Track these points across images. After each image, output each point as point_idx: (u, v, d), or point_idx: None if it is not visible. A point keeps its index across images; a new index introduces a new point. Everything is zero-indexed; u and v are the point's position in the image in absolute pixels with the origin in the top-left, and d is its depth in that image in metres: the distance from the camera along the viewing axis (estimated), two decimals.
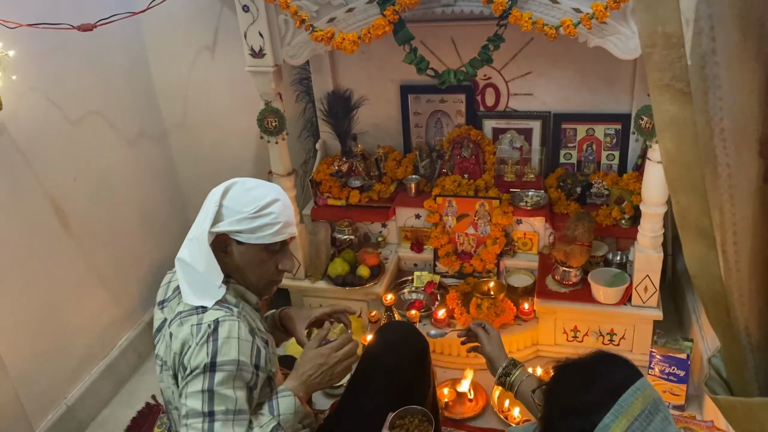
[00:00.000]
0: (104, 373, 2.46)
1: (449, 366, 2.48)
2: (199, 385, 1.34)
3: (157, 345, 1.53)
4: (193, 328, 1.40)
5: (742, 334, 0.87)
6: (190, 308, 1.44)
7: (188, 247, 1.49)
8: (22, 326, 2.10)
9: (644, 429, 1.01)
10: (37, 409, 2.14)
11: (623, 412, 1.01)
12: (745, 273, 0.83)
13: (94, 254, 2.41)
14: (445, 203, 2.66)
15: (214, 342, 1.36)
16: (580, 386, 1.10)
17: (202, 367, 1.35)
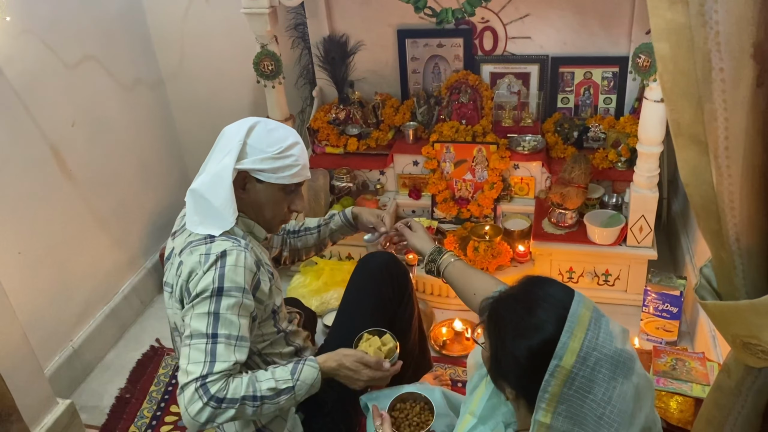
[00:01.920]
0: (108, 317, 2.50)
1: (446, 307, 2.53)
2: (206, 308, 1.39)
3: (167, 272, 1.56)
4: (201, 257, 1.43)
5: (732, 240, 0.90)
6: (200, 238, 1.48)
7: (205, 180, 1.50)
8: (27, 270, 2.13)
9: (597, 336, 1.03)
10: (44, 351, 2.18)
11: (576, 325, 1.03)
12: (736, 179, 0.85)
13: (94, 200, 2.43)
14: (442, 149, 2.67)
15: (221, 268, 1.40)
16: (524, 312, 1.10)
17: (209, 292, 1.39)
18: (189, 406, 1.35)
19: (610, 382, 1.02)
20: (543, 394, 1.03)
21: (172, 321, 1.57)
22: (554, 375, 1.02)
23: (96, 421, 2.19)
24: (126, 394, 2.29)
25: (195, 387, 1.35)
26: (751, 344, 0.95)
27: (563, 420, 1.04)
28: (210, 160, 1.55)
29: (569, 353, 1.01)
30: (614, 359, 1.02)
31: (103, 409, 2.23)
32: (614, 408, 1.02)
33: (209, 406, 1.34)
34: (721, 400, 1.08)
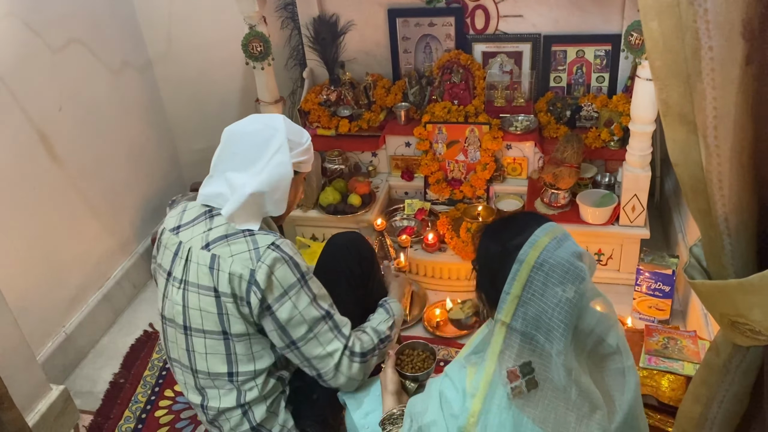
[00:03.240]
0: (101, 302, 2.50)
1: (439, 289, 2.53)
2: (306, 297, 1.49)
3: (174, 267, 1.54)
4: (251, 252, 1.46)
5: (720, 219, 0.89)
6: (236, 231, 1.49)
7: (265, 180, 1.50)
8: (17, 257, 2.12)
9: (556, 249, 1.14)
10: (36, 337, 2.18)
11: (539, 239, 1.14)
12: (725, 158, 0.84)
13: (83, 185, 2.41)
14: (435, 130, 2.66)
15: (290, 259, 1.48)
16: (501, 226, 1.25)
17: (297, 282, 1.48)
18: (351, 374, 1.54)
19: (560, 287, 1.12)
20: (504, 296, 1.14)
21: (176, 314, 1.54)
22: (515, 278, 1.13)
23: (90, 406, 2.19)
24: (120, 379, 2.29)
25: (345, 358, 1.53)
26: (738, 323, 0.95)
27: (521, 321, 1.14)
28: (255, 155, 1.52)
29: (529, 259, 1.13)
30: (566, 267, 1.12)
31: (97, 395, 2.24)
32: (563, 310, 1.12)
33: (363, 363, 1.55)
34: (709, 378, 1.08)
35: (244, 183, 1.50)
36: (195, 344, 1.55)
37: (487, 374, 1.18)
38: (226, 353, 1.53)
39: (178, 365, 1.63)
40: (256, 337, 1.54)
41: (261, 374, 1.57)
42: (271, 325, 1.49)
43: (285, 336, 1.49)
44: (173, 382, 2.25)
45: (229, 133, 1.55)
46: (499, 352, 1.17)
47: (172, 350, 1.62)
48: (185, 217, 1.60)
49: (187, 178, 3.01)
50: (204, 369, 1.56)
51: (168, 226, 1.61)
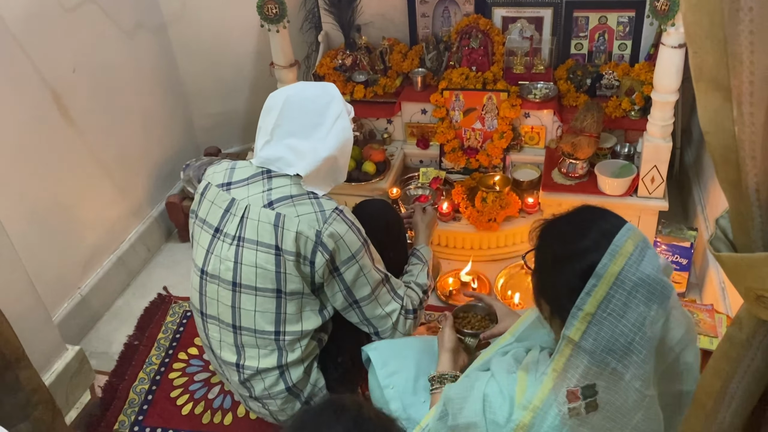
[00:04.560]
0: (115, 265, 2.51)
1: (453, 258, 2.52)
2: (369, 262, 1.57)
3: (224, 223, 1.55)
4: (317, 214, 1.50)
5: (751, 191, 0.86)
6: (301, 193, 1.52)
7: (332, 144, 1.53)
8: (32, 219, 2.12)
9: (640, 262, 1.05)
10: (52, 299, 2.19)
11: (619, 251, 1.05)
12: (759, 126, 0.81)
13: (97, 148, 2.40)
14: (452, 97, 2.61)
15: (353, 224, 1.55)
16: (570, 233, 1.13)
17: (361, 248, 1.54)
18: (405, 330, 1.66)
19: (644, 308, 1.05)
20: (576, 311, 1.06)
21: (225, 270, 1.55)
22: (590, 294, 1.05)
23: (105, 366, 2.22)
24: (134, 341, 2.31)
25: (401, 317, 1.65)
26: (765, 297, 0.93)
27: (592, 342, 1.06)
28: (307, 125, 1.53)
29: (608, 275, 1.04)
30: (652, 285, 1.04)
31: (112, 356, 2.26)
32: (645, 334, 1.05)
33: (415, 319, 1.70)
34: (730, 352, 1.06)
35: (315, 148, 1.52)
36: (243, 301, 1.55)
37: (544, 390, 1.14)
38: (275, 312, 1.55)
39: (215, 322, 1.63)
40: (308, 298, 1.56)
41: (306, 336, 1.60)
42: (337, 287, 1.55)
43: (350, 296, 1.56)
44: (187, 345, 2.27)
45: (286, 97, 1.54)
46: (562, 370, 1.12)
47: (210, 306, 1.62)
48: (236, 175, 1.60)
49: (200, 142, 2.99)
50: (250, 326, 1.57)
51: (214, 181, 1.61)
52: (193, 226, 1.65)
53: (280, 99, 1.55)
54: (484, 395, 1.20)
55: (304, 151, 1.52)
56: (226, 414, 2.02)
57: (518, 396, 1.16)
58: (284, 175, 1.54)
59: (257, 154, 1.58)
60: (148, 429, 2.01)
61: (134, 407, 2.07)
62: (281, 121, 1.54)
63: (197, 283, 1.63)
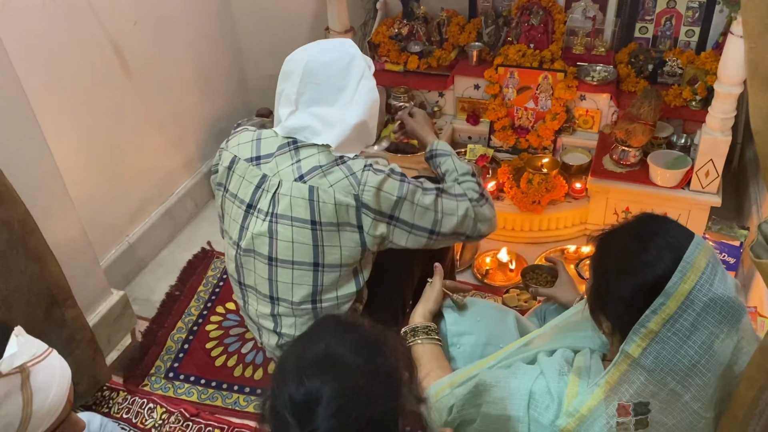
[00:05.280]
0: (163, 216, 2.59)
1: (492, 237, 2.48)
2: (416, 191, 1.52)
3: (257, 199, 1.54)
4: (349, 179, 1.48)
5: None
6: (328, 161, 1.49)
7: (360, 108, 1.52)
8: (86, 166, 2.20)
9: (712, 281, 1.01)
10: (101, 244, 2.28)
11: (690, 268, 1.00)
12: None
13: (153, 101, 2.46)
14: (506, 74, 2.56)
15: (389, 172, 1.50)
16: (635, 246, 1.07)
17: (402, 186, 1.50)
18: (488, 215, 1.63)
19: (714, 330, 1.01)
20: (639, 328, 1.02)
21: (260, 245, 1.55)
22: (657, 312, 1.01)
23: (147, 313, 2.31)
24: (176, 291, 2.39)
25: (475, 209, 1.59)
26: None
27: (652, 360, 1.03)
28: (331, 91, 1.51)
29: (678, 294, 1.00)
30: (725, 307, 1.00)
31: (153, 303, 2.35)
32: (712, 358, 1.01)
33: (486, 200, 1.65)
34: (765, 363, 1.03)
35: (343, 115, 1.50)
36: (280, 274, 1.56)
37: (594, 400, 1.11)
38: (312, 284, 1.55)
39: (253, 292, 1.64)
40: (346, 268, 1.56)
41: (343, 303, 1.60)
42: (405, 232, 1.53)
43: (420, 231, 1.54)
44: (225, 299, 2.33)
45: (305, 63, 1.50)
46: (615, 383, 1.08)
47: (248, 277, 1.63)
48: (263, 149, 1.57)
49: (253, 103, 3.02)
50: (287, 298, 1.58)
51: (242, 155, 1.59)
52: (222, 199, 1.64)
53: (299, 65, 1.51)
54: (531, 392, 1.18)
55: (331, 120, 1.50)
56: (257, 369, 2.08)
57: (567, 400, 1.14)
58: (311, 145, 1.52)
59: (283, 123, 1.56)
60: (182, 376, 2.09)
61: (171, 354, 2.16)
62: (303, 89, 1.51)
63: (233, 255, 1.64)
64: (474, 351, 1.49)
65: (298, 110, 1.54)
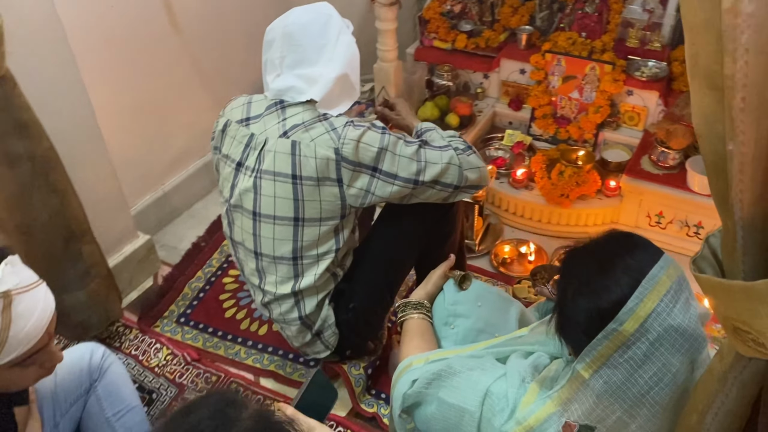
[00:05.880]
0: (200, 170, 2.68)
1: (516, 226, 2.45)
2: (397, 142, 1.55)
3: (245, 157, 1.61)
4: (330, 134, 1.53)
5: (736, 207, 0.77)
6: (311, 118, 1.55)
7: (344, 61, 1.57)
8: (127, 114, 2.30)
9: (670, 311, 0.96)
10: (136, 188, 2.40)
11: (648, 294, 0.96)
12: (750, 137, 0.72)
13: (199, 57, 2.54)
14: (553, 61, 2.48)
15: (368, 126, 1.55)
16: (595, 268, 1.03)
17: (383, 138, 1.54)
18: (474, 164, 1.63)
19: (668, 361, 0.97)
20: (590, 350, 1.00)
21: (246, 201, 1.61)
22: (608, 338, 0.97)
23: (171, 260, 2.42)
24: (201, 242, 2.49)
25: (460, 156, 1.60)
26: (741, 330, 0.84)
27: (602, 384, 1.00)
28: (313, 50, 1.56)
29: (632, 320, 0.96)
30: (681, 338, 0.96)
31: (179, 251, 2.45)
32: (663, 390, 0.98)
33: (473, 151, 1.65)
34: (708, 385, 0.97)
35: (322, 72, 1.56)
36: (263, 229, 1.63)
37: (543, 412, 1.09)
38: (293, 239, 1.61)
39: (241, 247, 1.72)
40: (326, 223, 1.60)
41: (322, 260, 1.64)
42: (386, 184, 1.55)
43: (403, 181, 1.56)
44: None
45: (284, 27, 1.57)
46: (566, 400, 1.07)
47: (237, 234, 1.71)
48: (253, 110, 1.65)
49: None
50: (269, 252, 1.65)
51: (233, 118, 1.67)
52: (217, 161, 1.73)
53: (278, 31, 1.57)
54: (488, 391, 1.17)
55: (314, 77, 1.55)
56: (263, 325, 2.14)
57: (521, 407, 1.12)
58: (297, 104, 1.57)
59: (269, 87, 1.62)
60: (192, 322, 2.18)
61: (185, 301, 2.26)
62: (285, 52, 1.56)
63: (224, 212, 1.73)
64: (467, 335, 1.49)
65: (283, 73, 1.59)
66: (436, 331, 1.52)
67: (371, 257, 1.75)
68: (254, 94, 1.69)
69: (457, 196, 1.66)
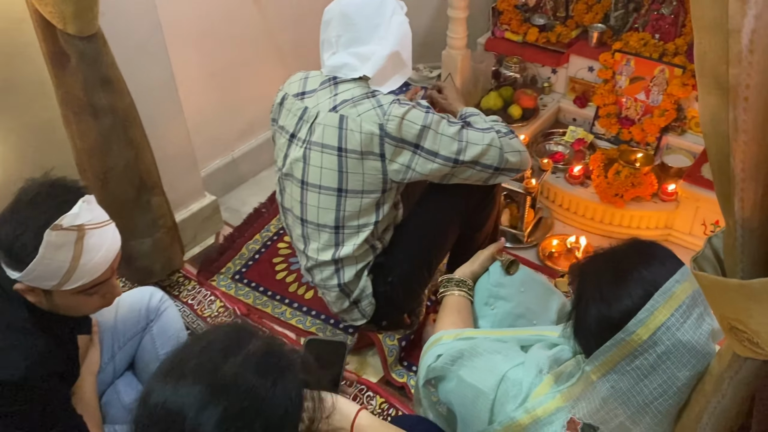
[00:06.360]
0: (268, 141, 2.78)
1: (568, 222, 2.46)
2: (441, 122, 1.62)
3: (298, 129, 1.73)
4: (376, 110, 1.61)
5: (737, 206, 0.80)
6: (360, 94, 1.64)
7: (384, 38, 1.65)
8: (204, 80, 2.46)
9: (680, 325, 0.98)
10: (207, 152, 2.56)
11: (660, 306, 0.97)
12: (752, 138, 0.74)
13: (277, 33, 2.66)
14: (622, 61, 2.46)
15: (414, 105, 1.63)
16: (609, 277, 1.05)
17: (427, 116, 1.61)
18: (516, 147, 1.70)
19: (674, 374, 0.99)
20: (599, 355, 1.02)
21: (296, 170, 1.73)
22: (617, 346, 1.00)
23: (234, 221, 2.57)
24: (262, 208, 2.63)
25: (502, 139, 1.68)
26: (737, 329, 0.87)
27: (608, 388, 1.03)
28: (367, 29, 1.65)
29: (642, 330, 0.98)
30: (688, 354, 0.97)
31: (241, 214, 2.61)
32: (667, 401, 1.00)
33: (514, 135, 1.73)
34: (707, 385, 0.99)
35: (374, 50, 1.64)
36: (309, 198, 1.74)
37: (552, 405, 1.13)
38: (336, 209, 1.71)
39: (290, 214, 1.85)
40: (368, 195, 1.68)
41: (362, 231, 1.73)
42: (427, 161, 1.63)
43: (444, 159, 1.63)
44: None
45: (340, 8, 1.65)
46: (575, 397, 1.10)
47: (287, 201, 1.84)
48: (308, 85, 1.76)
49: None
50: (314, 220, 1.76)
51: (290, 91, 1.79)
52: (274, 132, 1.85)
53: (335, 11, 1.65)
54: (505, 376, 1.21)
55: (367, 54, 1.63)
56: (309, 290, 2.26)
57: (533, 397, 1.16)
58: (350, 80, 1.66)
59: (325, 64, 1.71)
60: (245, 280, 2.33)
61: (242, 260, 2.41)
62: (341, 31, 1.65)
63: (278, 181, 1.85)
64: (505, 318, 1.53)
65: (338, 51, 1.68)
66: (476, 310, 1.57)
67: (411, 234, 1.83)
68: (311, 71, 1.79)
69: (497, 178, 1.72)
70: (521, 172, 1.79)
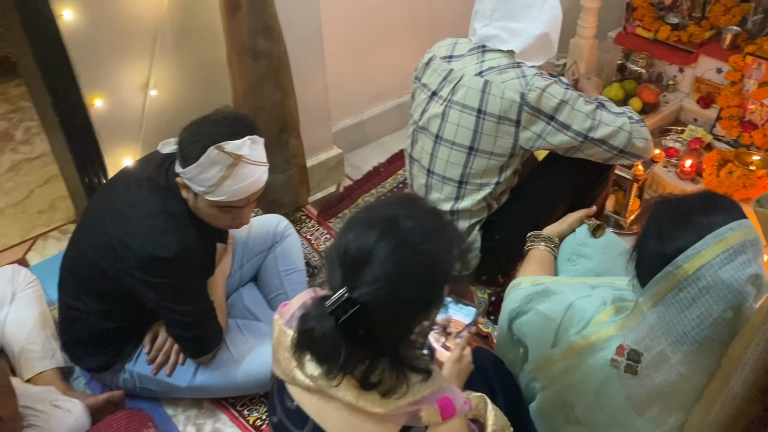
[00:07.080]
0: (396, 108, 3.04)
1: None
2: (578, 98, 1.77)
3: (440, 88, 1.90)
4: (520, 79, 1.76)
5: None
6: (507, 64, 1.80)
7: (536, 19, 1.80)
8: (347, 44, 2.70)
9: (723, 264, 1.06)
10: (339, 111, 2.81)
11: (708, 247, 1.06)
12: None
13: (418, 10, 2.86)
14: (753, 64, 2.46)
15: (555, 79, 1.78)
16: (671, 218, 1.15)
17: (566, 92, 1.76)
18: (643, 135, 1.82)
19: (710, 308, 1.08)
20: (651, 287, 1.13)
21: (433, 125, 1.91)
22: (665, 278, 1.10)
23: (354, 175, 2.83)
24: (381, 168, 2.87)
25: (633, 125, 1.80)
26: None
27: (656, 318, 1.15)
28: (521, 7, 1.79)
29: (688, 265, 1.07)
30: (725, 290, 1.05)
31: (362, 171, 2.85)
32: (702, 332, 1.09)
33: (644, 124, 1.85)
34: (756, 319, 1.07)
35: (525, 28, 1.79)
36: (440, 152, 1.93)
37: (606, 332, 1.25)
38: (464, 165, 1.89)
39: (417, 164, 2.05)
40: (495, 158, 1.85)
41: (483, 189, 1.90)
42: (558, 132, 1.77)
43: (574, 133, 1.77)
44: None
45: None
46: (627, 327, 1.21)
47: (416, 151, 2.04)
48: (457, 50, 1.93)
49: None
50: (440, 173, 1.95)
51: (438, 54, 1.96)
52: (415, 89, 2.02)
53: None
54: (572, 304, 1.34)
55: (517, 30, 1.78)
56: None
57: (593, 324, 1.28)
58: (497, 50, 1.82)
59: (477, 33, 1.87)
60: None
61: (358, 208, 2.65)
62: (497, 6, 1.80)
63: (410, 132, 2.05)
64: (584, 275, 1.63)
65: (490, 24, 1.84)
66: (558, 265, 1.70)
67: (524, 199, 1.98)
68: (460, 38, 1.97)
69: (618, 160, 1.84)
70: (643, 158, 1.89)
